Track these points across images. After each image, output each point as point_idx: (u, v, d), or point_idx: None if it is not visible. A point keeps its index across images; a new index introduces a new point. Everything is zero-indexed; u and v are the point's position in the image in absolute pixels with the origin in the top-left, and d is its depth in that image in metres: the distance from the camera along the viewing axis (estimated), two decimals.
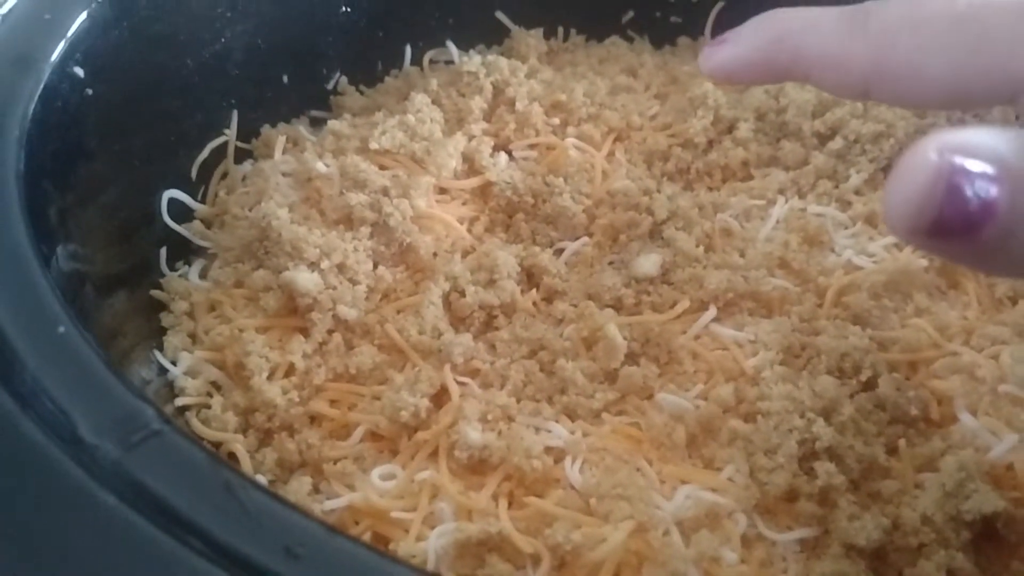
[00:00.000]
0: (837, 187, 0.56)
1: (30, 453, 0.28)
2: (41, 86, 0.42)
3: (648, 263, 0.50)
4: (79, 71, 0.45)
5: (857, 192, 0.55)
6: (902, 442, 0.43)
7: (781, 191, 0.56)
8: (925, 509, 0.40)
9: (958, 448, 0.42)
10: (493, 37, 0.68)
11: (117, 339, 0.44)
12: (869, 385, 0.45)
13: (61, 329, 0.32)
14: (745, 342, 0.48)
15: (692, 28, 0.70)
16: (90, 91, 0.46)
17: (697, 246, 0.51)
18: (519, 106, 0.58)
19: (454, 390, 0.45)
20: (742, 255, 0.52)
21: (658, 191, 0.55)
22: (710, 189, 0.57)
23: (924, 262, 0.50)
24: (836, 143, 0.56)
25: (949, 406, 0.44)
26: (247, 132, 0.59)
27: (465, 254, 0.52)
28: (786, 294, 0.50)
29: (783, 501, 0.41)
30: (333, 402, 0.46)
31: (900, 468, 0.42)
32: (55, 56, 0.44)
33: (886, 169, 0.57)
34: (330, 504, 0.42)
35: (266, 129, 0.60)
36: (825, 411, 0.43)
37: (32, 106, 0.42)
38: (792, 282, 0.50)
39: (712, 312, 0.48)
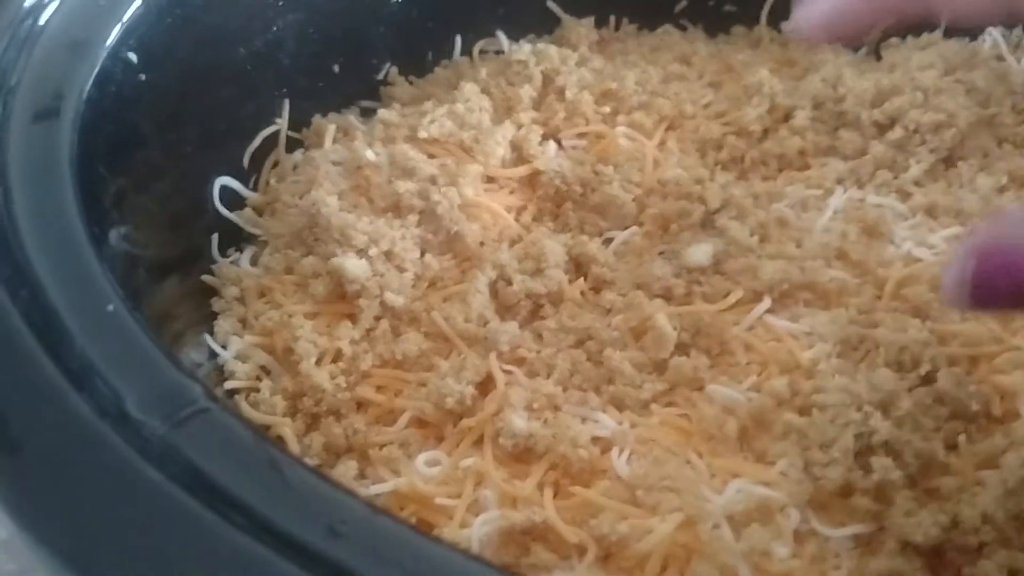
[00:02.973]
0: (896, 177, 0.54)
1: (78, 428, 0.28)
2: (96, 70, 0.43)
3: (700, 253, 0.49)
4: (132, 57, 0.46)
5: (917, 183, 0.54)
6: (962, 438, 0.41)
7: (839, 181, 0.54)
8: (986, 507, 0.38)
9: (1020, 445, 0.40)
10: (544, 27, 0.67)
11: (169, 322, 0.45)
12: (928, 379, 0.43)
13: (110, 307, 0.33)
14: (800, 334, 0.46)
15: (747, 17, 0.68)
16: (143, 77, 0.46)
17: (751, 236, 0.50)
18: (569, 95, 0.58)
19: (500, 378, 0.44)
20: (798, 245, 0.50)
21: (711, 180, 0.54)
22: (765, 179, 0.56)
23: None
24: (895, 133, 0.55)
25: (1012, 402, 0.43)
26: (298, 121, 0.59)
27: (512, 243, 0.52)
28: (844, 286, 0.48)
29: (837, 496, 0.40)
30: (380, 388, 0.46)
31: (960, 465, 0.41)
32: (110, 41, 0.45)
33: (947, 160, 0.55)
34: (375, 489, 0.42)
35: (317, 118, 0.60)
36: (883, 405, 0.42)
37: (87, 90, 0.42)
38: (850, 274, 0.49)
39: (766, 303, 0.47)
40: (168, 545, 0.25)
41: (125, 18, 0.46)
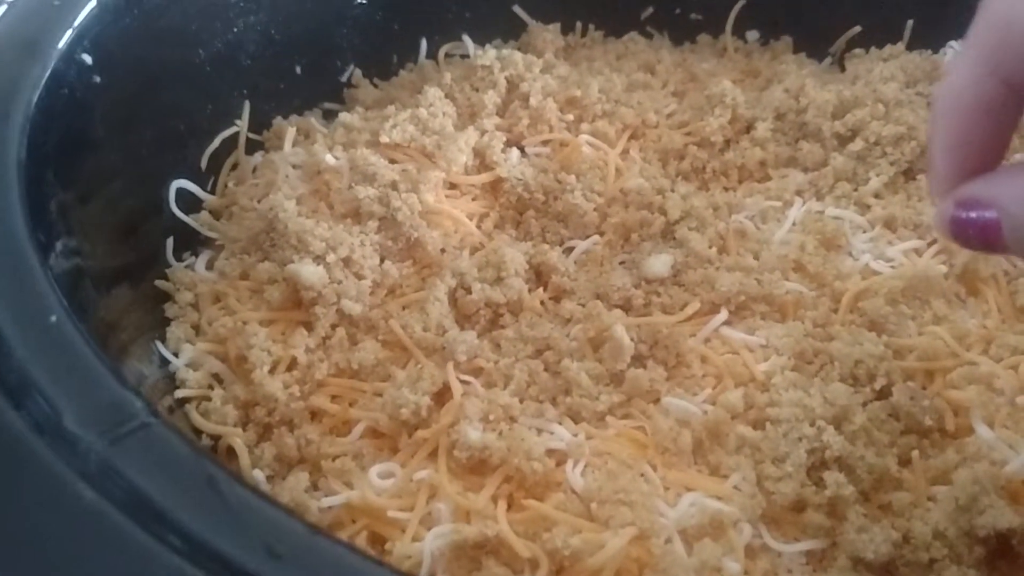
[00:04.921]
0: (856, 190, 0.54)
1: (11, 444, 0.28)
2: (47, 72, 0.42)
3: (659, 263, 0.49)
4: (87, 58, 0.45)
5: (876, 195, 0.54)
6: (915, 453, 0.42)
7: (799, 193, 0.55)
8: (937, 523, 0.39)
9: (973, 461, 0.41)
10: (510, 32, 0.67)
11: (116, 333, 0.44)
12: (883, 394, 0.44)
13: (53, 318, 0.32)
14: (756, 346, 0.46)
15: (712, 26, 0.68)
16: (98, 79, 0.46)
17: (710, 247, 0.50)
18: (533, 101, 0.57)
19: (456, 388, 0.44)
20: (756, 257, 0.50)
21: (672, 190, 0.54)
22: (726, 189, 0.56)
23: (943, 268, 0.49)
24: (856, 145, 0.55)
25: (965, 417, 0.43)
26: (259, 123, 0.58)
27: (473, 251, 0.52)
28: (800, 298, 0.48)
29: (790, 511, 0.40)
30: (334, 398, 0.45)
31: (912, 480, 0.41)
32: (63, 43, 0.44)
33: (907, 172, 0.55)
34: (327, 501, 0.41)
35: (278, 120, 0.59)
36: (836, 419, 0.42)
37: (37, 93, 0.41)
38: (807, 286, 0.49)
39: (723, 315, 0.47)
40: (100, 568, 0.25)
41: (80, 19, 0.45)
